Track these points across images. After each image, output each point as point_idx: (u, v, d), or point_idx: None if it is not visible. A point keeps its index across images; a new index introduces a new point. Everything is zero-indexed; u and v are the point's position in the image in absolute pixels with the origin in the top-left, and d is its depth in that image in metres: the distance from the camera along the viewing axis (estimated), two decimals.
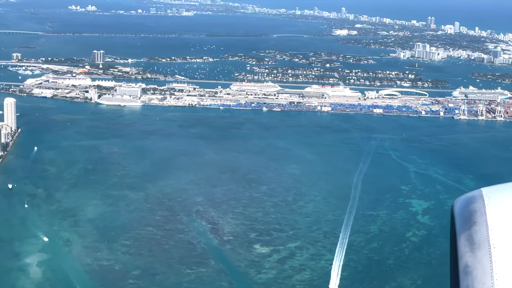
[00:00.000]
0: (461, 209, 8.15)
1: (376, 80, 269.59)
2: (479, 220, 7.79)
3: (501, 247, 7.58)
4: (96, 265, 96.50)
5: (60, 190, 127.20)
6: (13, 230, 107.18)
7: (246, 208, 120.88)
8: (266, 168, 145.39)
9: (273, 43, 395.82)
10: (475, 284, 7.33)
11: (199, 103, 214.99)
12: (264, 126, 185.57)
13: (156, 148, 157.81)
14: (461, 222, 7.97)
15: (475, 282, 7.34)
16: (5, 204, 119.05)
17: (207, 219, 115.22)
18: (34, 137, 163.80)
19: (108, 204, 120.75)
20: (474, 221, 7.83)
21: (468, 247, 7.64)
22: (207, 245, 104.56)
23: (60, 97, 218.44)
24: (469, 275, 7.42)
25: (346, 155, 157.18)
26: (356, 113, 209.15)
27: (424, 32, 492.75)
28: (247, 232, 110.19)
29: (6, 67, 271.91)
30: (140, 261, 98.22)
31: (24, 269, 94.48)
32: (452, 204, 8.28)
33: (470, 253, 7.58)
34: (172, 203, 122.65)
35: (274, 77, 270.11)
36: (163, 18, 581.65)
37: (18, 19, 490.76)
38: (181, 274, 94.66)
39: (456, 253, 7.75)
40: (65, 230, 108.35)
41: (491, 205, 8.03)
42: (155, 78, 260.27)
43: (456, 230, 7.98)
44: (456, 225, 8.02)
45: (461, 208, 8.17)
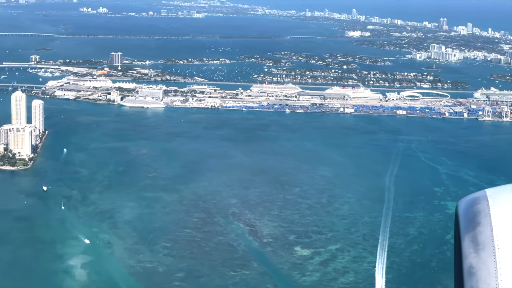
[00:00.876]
0: (465, 210, 8.13)
1: (395, 82, 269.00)
2: (483, 221, 7.76)
3: (505, 248, 7.57)
4: (139, 267, 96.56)
5: (94, 192, 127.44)
6: (53, 232, 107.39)
7: (282, 210, 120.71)
8: (297, 170, 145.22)
9: (287, 45, 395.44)
10: (480, 285, 7.31)
11: (221, 105, 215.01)
12: (289, 128, 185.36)
13: (185, 150, 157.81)
14: (465, 223, 7.96)
15: (480, 283, 7.32)
16: (42, 206, 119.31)
17: (244, 221, 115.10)
18: (61, 139, 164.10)
19: (143, 206, 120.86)
20: (478, 222, 7.80)
21: (473, 248, 7.62)
22: (248, 247, 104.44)
23: (82, 99, 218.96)
24: (474, 276, 7.40)
25: (374, 157, 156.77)
26: (379, 114, 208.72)
27: (437, 33, 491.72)
28: (286, 234, 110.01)
29: (25, 69, 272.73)
30: (183, 263, 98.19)
31: (69, 271, 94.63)
32: (456, 205, 8.30)
33: (474, 254, 7.57)
34: (207, 205, 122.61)
35: (292, 79, 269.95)
36: (175, 20, 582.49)
37: (31, 21, 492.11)
38: (225, 276, 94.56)
39: (460, 254, 7.74)
40: (104, 232, 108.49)
41: (495, 206, 8.00)
42: (175, 80, 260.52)
43: (460, 231, 7.96)
44: (460, 226, 8.00)
45: (465, 209, 8.15)
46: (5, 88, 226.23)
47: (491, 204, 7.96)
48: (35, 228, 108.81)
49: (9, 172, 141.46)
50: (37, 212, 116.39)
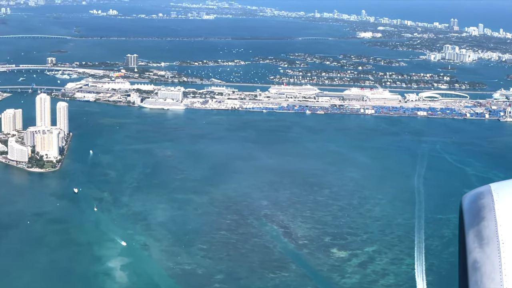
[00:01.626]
0: (469, 205, 8.09)
1: (413, 83, 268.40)
2: (487, 215, 7.71)
3: (510, 242, 7.56)
4: (178, 269, 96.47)
5: (125, 194, 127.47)
6: (89, 234, 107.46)
7: (314, 212, 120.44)
8: (324, 171, 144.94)
9: (300, 46, 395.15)
10: (484, 280, 7.28)
11: (241, 106, 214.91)
12: (311, 129, 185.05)
13: (210, 152, 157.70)
14: (469, 218, 7.92)
15: (484, 277, 7.29)
16: (75, 208, 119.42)
17: (277, 223, 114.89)
18: (86, 141, 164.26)
19: (175, 208, 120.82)
20: (482, 216, 7.75)
21: (477, 243, 7.58)
22: (284, 249, 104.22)
23: (102, 101, 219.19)
24: (478, 271, 7.39)
25: (400, 158, 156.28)
26: (399, 115, 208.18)
27: (449, 34, 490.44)
28: (320, 236, 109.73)
29: (42, 71, 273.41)
30: (221, 265, 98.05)
31: (109, 273, 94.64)
32: (460, 199, 8.25)
33: (478, 249, 7.53)
34: (239, 207, 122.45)
35: (309, 80, 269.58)
36: (185, 21, 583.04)
37: (43, 23, 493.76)
38: (264, 278, 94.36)
39: (464, 249, 7.70)
40: (139, 234, 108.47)
41: (499, 200, 7.95)
42: (192, 81, 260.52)
43: (465, 226, 7.92)
44: (465, 221, 7.96)
45: (469, 204, 8.11)
46: (25, 90, 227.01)
47: (495, 198, 7.89)
48: (70, 230, 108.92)
49: (37, 174, 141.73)
50: (70, 214, 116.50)
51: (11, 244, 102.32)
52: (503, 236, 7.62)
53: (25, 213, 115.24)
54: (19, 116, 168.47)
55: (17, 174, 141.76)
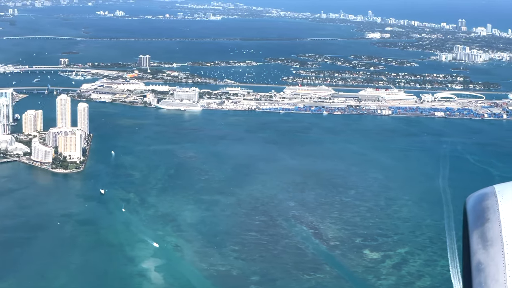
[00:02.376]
0: (473, 206, 8.08)
1: (427, 83, 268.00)
2: (491, 217, 7.71)
3: None
4: (213, 270, 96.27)
5: (151, 195, 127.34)
6: (119, 235, 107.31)
7: (342, 213, 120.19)
8: (347, 172, 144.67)
9: (310, 47, 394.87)
10: (488, 281, 7.29)
11: (257, 107, 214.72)
12: (330, 130, 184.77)
13: (232, 153, 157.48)
14: (473, 219, 7.91)
15: (488, 279, 7.30)
16: (103, 209, 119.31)
17: (306, 224, 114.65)
18: (107, 142, 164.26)
19: (203, 209, 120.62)
20: (486, 218, 7.76)
21: (481, 244, 7.59)
22: (316, 251, 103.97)
23: (119, 102, 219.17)
24: (482, 272, 7.38)
25: (422, 159, 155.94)
26: (417, 116, 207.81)
27: (457, 35, 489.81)
28: (351, 237, 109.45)
29: (56, 72, 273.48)
30: (255, 267, 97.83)
31: (144, 275, 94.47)
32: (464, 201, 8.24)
33: (482, 250, 7.54)
34: (266, 208, 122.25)
35: (322, 81, 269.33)
36: (192, 22, 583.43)
37: (51, 25, 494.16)
38: (300, 280, 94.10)
39: (468, 250, 7.70)
40: (170, 235, 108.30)
41: (504, 202, 7.96)
42: (206, 82, 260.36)
43: (469, 227, 7.91)
44: (469, 222, 7.94)
45: (473, 205, 8.09)
46: (41, 91, 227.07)
47: (499, 200, 7.88)
48: (100, 231, 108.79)
49: (62, 175, 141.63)
50: (99, 215, 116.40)
51: (44, 245, 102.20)
52: (507, 237, 7.59)
53: (54, 214, 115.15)
54: (39, 117, 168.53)
55: (42, 175, 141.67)
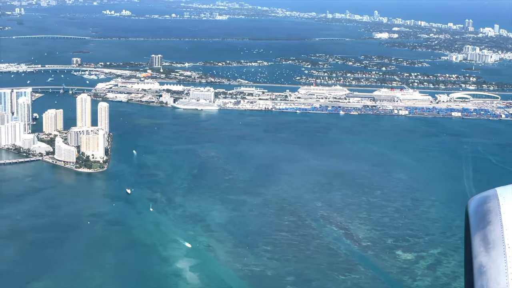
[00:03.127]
0: (475, 209, 8.06)
1: (440, 83, 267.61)
2: (493, 219, 7.68)
3: None
4: (247, 270, 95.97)
5: (177, 195, 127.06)
6: (151, 235, 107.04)
7: (370, 213, 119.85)
8: (371, 173, 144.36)
9: (319, 47, 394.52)
10: (490, 284, 7.23)
11: (274, 107, 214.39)
12: (349, 131, 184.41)
13: (253, 153, 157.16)
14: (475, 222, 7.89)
15: (490, 282, 7.24)
16: (131, 209, 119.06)
17: (336, 224, 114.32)
18: (127, 141, 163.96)
19: (230, 209, 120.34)
20: (488, 220, 7.72)
21: (483, 247, 7.55)
22: (348, 251, 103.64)
23: (135, 101, 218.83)
24: (484, 275, 7.33)
25: (445, 160, 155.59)
26: (434, 116, 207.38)
27: (465, 35, 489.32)
28: (382, 238, 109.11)
29: (69, 71, 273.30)
30: (289, 267, 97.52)
31: (179, 275, 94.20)
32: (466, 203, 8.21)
33: (484, 253, 7.49)
34: (294, 208, 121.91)
35: (336, 81, 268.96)
36: (199, 22, 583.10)
37: (59, 24, 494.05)
38: (336, 280, 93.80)
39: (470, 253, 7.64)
40: (201, 235, 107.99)
41: (505, 204, 7.95)
42: (219, 82, 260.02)
43: (471, 229, 7.88)
44: (471, 225, 7.92)
45: (475, 208, 8.08)
46: (56, 90, 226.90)
47: (501, 202, 7.90)
48: (131, 231, 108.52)
49: (86, 174, 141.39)
50: (128, 215, 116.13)
51: (76, 245, 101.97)
52: (509, 240, 7.53)
53: (83, 214, 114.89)
54: (60, 117, 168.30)
55: (66, 174, 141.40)
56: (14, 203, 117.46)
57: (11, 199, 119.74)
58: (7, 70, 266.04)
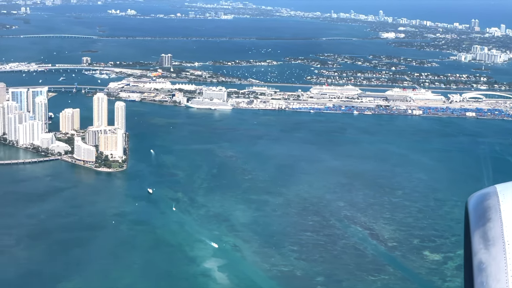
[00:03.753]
0: (475, 206, 8.06)
1: (452, 83, 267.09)
2: (493, 216, 7.64)
3: None
4: (276, 270, 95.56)
5: (199, 194, 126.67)
6: (176, 235, 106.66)
7: (394, 214, 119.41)
8: (391, 173, 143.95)
9: (326, 46, 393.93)
10: (489, 281, 7.19)
11: (287, 106, 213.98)
12: (365, 131, 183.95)
13: (271, 153, 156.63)
14: (475, 219, 7.87)
15: (490, 278, 7.21)
16: (155, 208, 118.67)
17: (360, 225, 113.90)
18: (144, 141, 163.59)
19: (254, 209, 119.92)
20: (488, 217, 7.69)
21: (483, 244, 7.51)
22: (375, 251, 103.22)
23: (148, 100, 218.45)
24: (484, 271, 7.30)
25: (464, 160, 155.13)
26: (448, 116, 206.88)
27: (471, 35, 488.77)
28: (408, 238, 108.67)
29: (80, 70, 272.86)
30: (317, 267, 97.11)
31: (208, 275, 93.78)
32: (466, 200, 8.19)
33: (484, 250, 7.46)
34: (317, 208, 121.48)
35: (346, 81, 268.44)
36: (204, 21, 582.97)
37: (65, 23, 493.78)
38: (365, 281, 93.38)
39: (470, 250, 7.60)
40: (226, 235, 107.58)
41: (505, 201, 7.90)
42: (230, 81, 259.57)
43: (470, 226, 7.88)
44: (470, 222, 7.92)
45: (475, 205, 8.09)
46: (69, 89, 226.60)
47: (501, 199, 7.86)
48: (156, 231, 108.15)
49: (105, 173, 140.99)
50: (151, 214, 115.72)
51: (103, 244, 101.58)
52: (509, 237, 7.47)
53: (107, 214, 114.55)
54: (77, 116, 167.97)
55: (86, 174, 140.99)
56: (37, 203, 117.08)
57: (34, 198, 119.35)
58: (18, 69, 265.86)
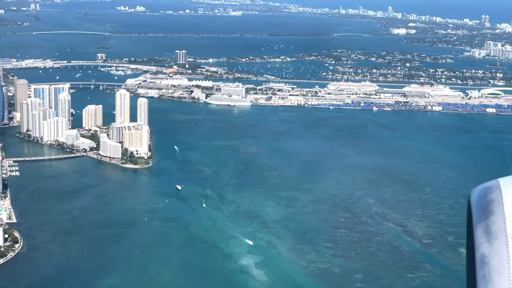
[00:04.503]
0: (478, 199, 8.00)
1: (468, 79, 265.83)
2: (496, 210, 7.63)
3: None
4: (313, 267, 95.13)
5: (228, 191, 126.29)
6: (209, 232, 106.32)
7: (425, 210, 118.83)
8: (417, 169, 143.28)
9: (338, 42, 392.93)
10: (492, 274, 7.22)
11: (306, 102, 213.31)
12: (386, 127, 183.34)
13: (295, 150, 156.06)
14: (478, 212, 7.81)
15: (492, 272, 7.23)
16: (185, 205, 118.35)
17: (393, 221, 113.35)
18: (167, 137, 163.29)
19: (284, 206, 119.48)
20: (491, 211, 7.67)
21: (485, 238, 7.51)
22: (411, 248, 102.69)
23: (166, 97, 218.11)
24: (486, 265, 7.32)
25: (490, 157, 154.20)
26: (468, 112, 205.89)
27: (482, 31, 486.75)
28: (443, 235, 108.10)
29: (95, 67, 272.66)
30: (354, 264, 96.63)
31: (246, 271, 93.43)
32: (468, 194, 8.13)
33: (487, 243, 7.46)
34: (347, 205, 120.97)
35: (362, 77, 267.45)
36: (213, 18, 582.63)
37: (76, 20, 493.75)
38: (404, 278, 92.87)
39: (472, 244, 7.61)
40: (259, 232, 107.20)
41: (508, 195, 7.88)
42: (246, 77, 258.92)
43: (473, 220, 7.80)
44: (473, 216, 7.84)
45: (478, 198, 8.02)
46: (86, 86, 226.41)
47: (504, 193, 7.80)
48: (189, 228, 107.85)
49: (132, 170, 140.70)
50: (182, 211, 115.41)
51: (138, 241, 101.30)
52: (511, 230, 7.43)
53: (138, 210, 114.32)
54: (99, 112, 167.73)
55: (112, 170, 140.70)
56: (68, 200, 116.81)
57: (65, 195, 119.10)
58: (34, 66, 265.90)
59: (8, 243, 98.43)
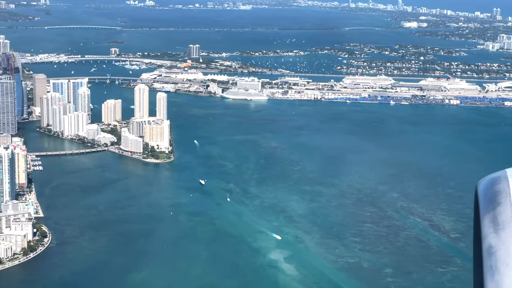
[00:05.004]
0: (485, 190, 8.00)
1: (484, 72, 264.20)
2: (503, 201, 7.64)
3: None
4: (342, 262, 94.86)
5: (251, 185, 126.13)
6: (236, 226, 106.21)
7: (451, 205, 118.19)
8: (439, 163, 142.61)
9: (350, 36, 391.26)
10: (499, 265, 7.26)
11: (323, 97, 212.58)
12: (406, 121, 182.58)
13: (315, 144, 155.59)
14: (485, 203, 7.82)
15: (499, 262, 7.27)
16: (209, 200, 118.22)
17: (419, 216, 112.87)
18: (186, 131, 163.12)
19: (308, 200, 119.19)
20: (498, 202, 7.68)
21: (492, 228, 7.53)
22: (439, 243, 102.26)
23: (182, 91, 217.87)
24: (493, 255, 7.36)
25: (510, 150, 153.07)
26: (486, 106, 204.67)
27: (494, 24, 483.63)
28: (470, 229, 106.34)
29: (110, 62, 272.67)
30: (384, 259, 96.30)
31: (275, 266, 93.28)
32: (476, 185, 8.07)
33: (494, 234, 7.49)
34: (371, 199, 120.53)
35: (377, 71, 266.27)
36: (223, 12, 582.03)
37: (86, 14, 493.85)
38: (435, 273, 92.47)
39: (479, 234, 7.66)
40: (285, 226, 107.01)
41: None
42: (261, 72, 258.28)
43: (480, 211, 7.84)
44: (480, 206, 7.87)
45: (485, 189, 8.02)
46: (102, 80, 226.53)
47: (511, 184, 7.78)
48: (215, 222, 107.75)
49: (153, 164, 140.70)
50: (207, 205, 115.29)
51: (166, 235, 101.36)
52: None
53: (164, 205, 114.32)
54: (118, 107, 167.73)
55: (134, 165, 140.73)
56: (93, 194, 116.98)
57: (89, 190, 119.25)
58: (48, 61, 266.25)
59: (37, 238, 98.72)
